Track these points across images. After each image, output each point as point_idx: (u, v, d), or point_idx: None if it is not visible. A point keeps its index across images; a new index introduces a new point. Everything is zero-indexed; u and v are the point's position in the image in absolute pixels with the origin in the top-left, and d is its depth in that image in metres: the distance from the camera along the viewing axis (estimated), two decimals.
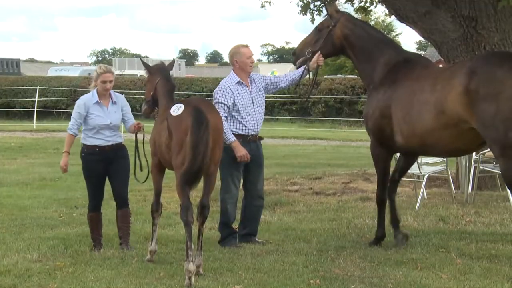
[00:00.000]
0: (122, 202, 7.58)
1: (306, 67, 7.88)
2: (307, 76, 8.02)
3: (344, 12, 8.23)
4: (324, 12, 9.56)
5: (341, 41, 7.69)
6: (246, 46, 7.84)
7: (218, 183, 7.06)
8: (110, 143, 7.43)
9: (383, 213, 7.61)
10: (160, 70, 7.22)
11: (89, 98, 7.47)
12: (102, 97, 7.46)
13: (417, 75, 7.20)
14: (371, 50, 7.60)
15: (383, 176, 7.56)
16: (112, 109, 7.45)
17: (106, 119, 7.39)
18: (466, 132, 6.65)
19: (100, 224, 7.60)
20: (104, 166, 7.42)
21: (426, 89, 6.88)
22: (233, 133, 7.50)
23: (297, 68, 7.97)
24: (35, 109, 27.29)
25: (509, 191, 9.36)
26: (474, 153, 9.50)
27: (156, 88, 7.10)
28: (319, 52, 7.75)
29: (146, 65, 7.38)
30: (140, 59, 8.57)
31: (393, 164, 7.87)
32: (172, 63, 7.47)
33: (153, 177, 7.05)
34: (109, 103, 7.46)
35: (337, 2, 12.45)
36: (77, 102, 7.54)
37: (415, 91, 7.00)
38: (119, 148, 7.49)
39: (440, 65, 9.12)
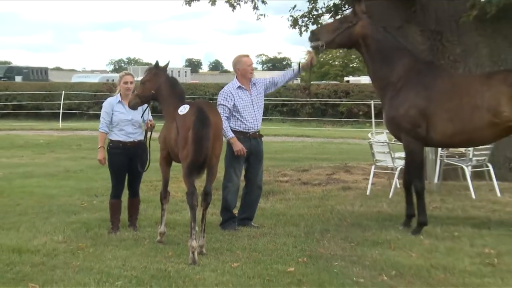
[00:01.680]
0: (134, 192, 7.65)
1: (300, 65, 7.82)
2: (301, 74, 7.91)
3: (368, 15, 8.09)
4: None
5: (358, 39, 7.45)
6: (247, 56, 7.83)
7: (219, 174, 7.06)
8: (131, 139, 7.41)
9: (423, 202, 7.30)
10: (164, 73, 7.01)
11: (113, 99, 7.57)
12: (125, 98, 7.47)
13: (454, 81, 7.28)
14: (387, 53, 7.40)
15: (419, 167, 7.37)
16: None
17: (127, 115, 7.40)
18: (505, 130, 6.97)
19: (120, 210, 7.58)
20: (126, 160, 7.40)
21: (475, 95, 6.97)
22: (235, 130, 7.51)
23: (311, 45, 7.67)
24: (61, 111, 27.19)
25: (469, 182, 9.39)
26: (440, 148, 9.52)
27: (159, 88, 6.90)
28: (312, 53, 7.66)
29: (156, 65, 7.06)
30: (157, 62, 7.73)
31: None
32: (167, 65, 7.17)
33: (162, 169, 7.02)
34: None
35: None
36: (103, 104, 7.60)
37: (461, 96, 7.03)
38: (140, 145, 7.45)
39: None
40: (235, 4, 12.27)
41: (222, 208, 7.74)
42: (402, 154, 9.97)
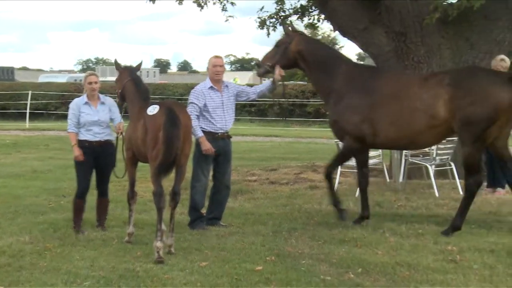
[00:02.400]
0: (102, 192, 7.57)
1: (273, 80, 7.87)
2: (275, 87, 7.98)
3: (299, 31, 8.25)
4: (279, 28, 9.39)
5: (295, 56, 7.70)
6: (216, 57, 7.79)
7: (188, 174, 7.02)
8: (98, 139, 7.33)
9: (331, 188, 7.69)
10: (129, 72, 7.07)
11: (79, 99, 7.48)
12: (91, 98, 7.41)
13: (394, 84, 7.31)
14: (324, 63, 7.60)
15: (343, 162, 7.85)
16: (101, 108, 7.39)
17: (94, 116, 7.33)
18: (446, 130, 7.03)
19: (83, 210, 7.46)
20: (92, 159, 7.31)
21: (413, 97, 7.03)
22: (204, 131, 7.47)
23: (260, 77, 8.06)
24: (28, 111, 26.72)
25: (433, 180, 9.53)
26: None
27: (124, 87, 6.99)
28: (278, 65, 7.69)
29: (117, 65, 7.19)
30: (115, 60, 7.42)
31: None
32: (139, 65, 7.30)
33: (128, 169, 6.97)
34: (97, 103, 7.41)
35: (289, 18, 12.57)
36: (70, 105, 7.50)
37: (401, 99, 7.09)
38: (107, 145, 7.39)
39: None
40: (202, 4, 12.23)
41: (190, 208, 7.70)
42: (371, 153, 10.09)
